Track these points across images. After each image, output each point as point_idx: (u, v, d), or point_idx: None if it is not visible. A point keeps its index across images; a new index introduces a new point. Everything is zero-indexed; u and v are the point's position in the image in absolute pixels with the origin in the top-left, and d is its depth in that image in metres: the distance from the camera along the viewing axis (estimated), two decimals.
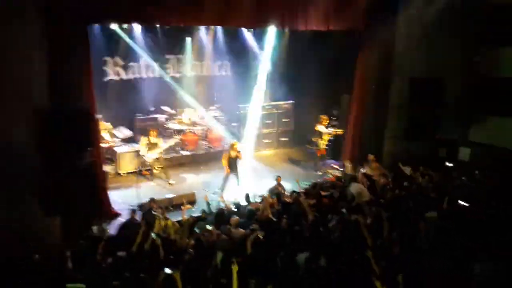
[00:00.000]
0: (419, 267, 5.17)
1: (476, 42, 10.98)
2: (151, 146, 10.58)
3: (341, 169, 11.55)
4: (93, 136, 8.31)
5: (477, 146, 10.82)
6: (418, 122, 11.13)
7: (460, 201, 6.93)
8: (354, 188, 8.18)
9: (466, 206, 6.84)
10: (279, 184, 9.06)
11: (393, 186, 8.64)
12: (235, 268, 5.07)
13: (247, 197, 8.38)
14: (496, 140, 10.65)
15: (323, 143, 11.37)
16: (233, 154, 9.73)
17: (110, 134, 11.63)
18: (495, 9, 10.54)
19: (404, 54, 11.05)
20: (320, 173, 11.36)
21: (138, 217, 7.82)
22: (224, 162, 9.80)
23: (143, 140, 10.67)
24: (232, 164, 9.77)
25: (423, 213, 6.81)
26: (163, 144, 10.92)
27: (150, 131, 10.77)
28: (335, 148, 12.30)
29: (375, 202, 7.67)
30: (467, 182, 8.44)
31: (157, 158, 10.73)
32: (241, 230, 6.67)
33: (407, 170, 9.48)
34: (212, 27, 12.60)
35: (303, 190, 8.72)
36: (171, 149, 11.88)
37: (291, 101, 14.07)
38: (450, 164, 9.57)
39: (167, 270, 5.21)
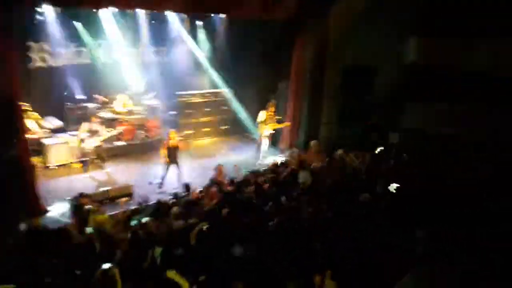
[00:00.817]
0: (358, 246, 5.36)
1: (405, 32, 11.50)
2: (92, 133, 10.22)
3: (280, 155, 11.73)
4: (18, 126, 7.80)
5: (406, 131, 11.41)
6: (350, 108, 11.61)
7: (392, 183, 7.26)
8: (304, 175, 8.32)
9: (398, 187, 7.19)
10: (219, 173, 8.98)
11: (328, 169, 8.91)
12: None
13: (187, 187, 8.25)
14: (421, 125, 11.31)
15: (266, 130, 11.35)
16: (172, 143, 9.51)
17: (38, 125, 10.92)
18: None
19: (337, 44, 11.40)
20: (260, 161, 11.40)
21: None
22: (163, 152, 9.56)
23: (84, 126, 10.27)
24: (172, 154, 9.56)
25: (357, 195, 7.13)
26: (106, 132, 10.61)
27: (90, 117, 10.49)
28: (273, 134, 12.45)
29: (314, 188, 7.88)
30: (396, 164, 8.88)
31: (97, 147, 10.34)
32: (180, 222, 6.57)
33: (340, 153, 9.78)
34: (147, 11, 12.12)
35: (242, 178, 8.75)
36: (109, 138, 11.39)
37: (230, 89, 14.00)
38: (381, 148, 10.01)
39: (105, 266, 5.03)
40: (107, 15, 11.32)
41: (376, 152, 9.67)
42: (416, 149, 9.59)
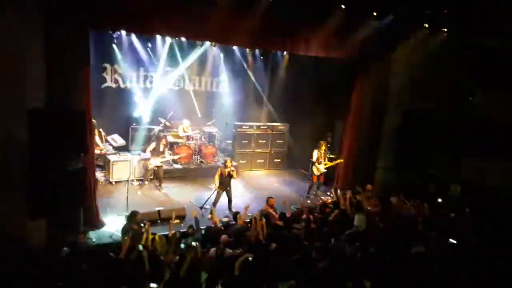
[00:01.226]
0: None
1: (471, 82, 11.22)
2: (158, 153, 10.78)
3: (331, 196, 11.53)
4: (87, 141, 8.25)
5: (467, 183, 10.92)
6: (409, 154, 11.29)
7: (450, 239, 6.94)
8: (360, 218, 8.14)
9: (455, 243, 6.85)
10: (270, 206, 8.95)
11: (383, 215, 8.65)
12: None
13: (236, 215, 8.29)
14: (485, 179, 10.81)
15: (320, 170, 11.28)
16: (226, 171, 9.67)
17: (103, 141, 11.55)
18: (491, 52, 10.80)
19: (399, 87, 11.26)
20: (309, 200, 11.22)
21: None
22: (216, 178, 9.73)
23: (152, 145, 10.86)
24: (225, 182, 9.69)
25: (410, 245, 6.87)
26: (168, 155, 11.20)
27: (161, 139, 11.17)
28: (327, 174, 12.30)
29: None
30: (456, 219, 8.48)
31: (158, 166, 10.84)
32: (229, 250, 6.59)
33: (396, 199, 9.48)
34: (214, 43, 12.69)
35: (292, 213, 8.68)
36: (168, 161, 11.84)
37: (286, 123, 14.12)
38: (440, 200, 9.62)
39: (152, 285, 5.14)
40: (176, 43, 12.00)
41: (436, 203, 9.29)
42: (479, 204, 9.08)
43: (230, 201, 9.83)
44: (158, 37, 11.65)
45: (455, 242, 7.01)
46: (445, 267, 6.17)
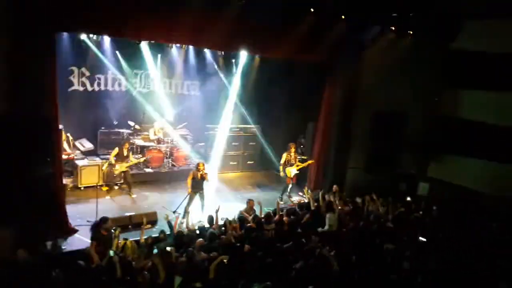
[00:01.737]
0: None
1: (438, 83, 11.57)
2: (122, 158, 10.52)
3: (304, 196, 11.64)
4: (54, 146, 8.06)
5: (435, 182, 11.27)
6: (379, 155, 11.53)
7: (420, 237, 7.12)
8: (331, 218, 8.22)
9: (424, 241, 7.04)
10: (250, 208, 8.94)
11: (352, 214, 8.78)
12: None
13: (211, 219, 8.24)
14: (453, 178, 11.16)
15: (292, 172, 11.36)
16: (198, 174, 9.59)
17: (71, 146, 11.27)
18: (457, 53, 11.17)
19: (368, 89, 11.51)
20: (282, 202, 11.26)
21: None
22: (189, 182, 9.64)
23: (116, 151, 10.56)
24: (198, 185, 9.61)
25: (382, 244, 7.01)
26: (133, 159, 10.98)
27: (124, 143, 10.88)
28: (299, 175, 12.39)
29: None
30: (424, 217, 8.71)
31: (123, 172, 10.61)
32: (203, 254, 6.55)
33: (365, 198, 9.66)
34: (184, 46, 12.62)
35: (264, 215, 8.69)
36: (135, 165, 11.68)
37: (258, 125, 14.17)
38: (409, 198, 9.86)
39: None
40: (145, 46, 11.85)
41: (406, 201, 9.51)
42: (446, 203, 9.36)
43: (203, 204, 9.75)
44: (127, 39, 11.47)
45: (424, 239, 7.18)
46: (414, 265, 6.31)
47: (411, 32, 10.85)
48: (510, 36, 10.50)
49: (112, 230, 7.48)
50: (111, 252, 6.20)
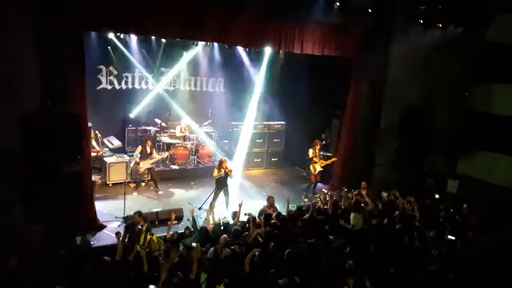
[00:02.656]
0: None
1: (468, 77, 11.21)
2: (146, 155, 10.67)
3: (329, 193, 11.52)
4: (84, 144, 8.24)
5: (465, 179, 10.95)
6: (407, 151, 11.28)
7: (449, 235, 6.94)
8: (355, 218, 8.14)
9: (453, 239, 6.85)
10: (271, 205, 8.94)
11: (378, 212, 8.63)
12: None
13: (235, 215, 8.27)
14: (483, 174, 10.82)
15: (317, 169, 11.26)
16: (222, 171, 9.65)
17: (100, 143, 11.52)
18: (488, 46, 10.80)
19: (395, 84, 11.26)
20: (306, 199, 11.19)
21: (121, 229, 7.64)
22: (215, 174, 9.72)
23: (139, 149, 10.73)
24: (222, 182, 9.68)
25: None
26: (157, 155, 11.08)
27: (146, 140, 10.99)
28: (325, 171, 12.29)
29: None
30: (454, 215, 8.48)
31: (148, 168, 10.77)
32: (228, 250, 6.57)
33: (390, 195, 9.48)
34: (209, 43, 12.69)
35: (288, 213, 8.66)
36: (161, 161, 11.85)
37: (282, 122, 14.11)
38: (437, 196, 9.63)
39: (151, 286, 5.12)
40: (170, 44, 11.98)
41: (434, 199, 9.28)
42: (477, 201, 9.07)
43: (227, 201, 9.81)
44: (153, 37, 11.62)
45: (453, 238, 7.00)
46: (444, 264, 6.17)
47: (440, 25, 10.56)
48: None
49: (140, 226, 7.64)
50: (138, 247, 6.29)
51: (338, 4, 9.35)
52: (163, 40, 11.89)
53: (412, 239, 7.13)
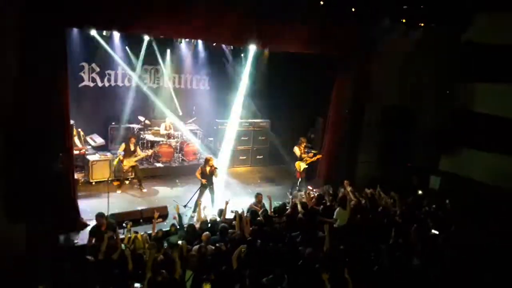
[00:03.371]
0: None
1: (451, 76, 11.42)
2: (130, 153, 10.54)
3: (314, 191, 11.61)
4: (66, 142, 8.13)
5: (447, 175, 11.16)
6: (390, 148, 11.44)
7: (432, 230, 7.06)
8: (339, 213, 8.20)
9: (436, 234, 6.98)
10: (259, 202, 8.94)
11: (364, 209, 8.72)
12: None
13: (221, 212, 8.27)
14: (465, 171, 11.04)
15: (302, 166, 11.33)
16: (207, 169, 9.63)
17: (82, 141, 11.37)
18: (470, 46, 11.00)
19: (379, 82, 11.39)
20: (291, 196, 11.23)
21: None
22: (198, 175, 9.69)
23: (122, 146, 10.61)
24: (207, 180, 9.66)
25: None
26: (141, 153, 10.98)
27: (130, 138, 10.81)
28: (310, 169, 12.35)
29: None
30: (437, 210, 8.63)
31: (132, 166, 10.67)
32: (211, 247, 6.58)
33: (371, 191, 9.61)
34: (193, 41, 12.62)
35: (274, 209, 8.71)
36: (145, 159, 11.76)
37: (267, 120, 14.14)
38: (420, 192, 9.78)
39: (137, 285, 5.09)
40: (154, 41, 11.86)
41: (417, 195, 9.43)
42: (458, 197, 9.24)
43: (213, 198, 9.79)
44: (137, 34, 11.50)
45: (436, 232, 7.12)
46: (426, 259, 6.28)
47: (422, 25, 10.71)
48: None
49: (124, 224, 7.57)
50: (123, 246, 6.24)
51: (322, 3, 9.37)
52: (147, 37, 11.78)
53: (395, 234, 7.24)
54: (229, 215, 8.16)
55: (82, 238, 7.99)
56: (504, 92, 10.73)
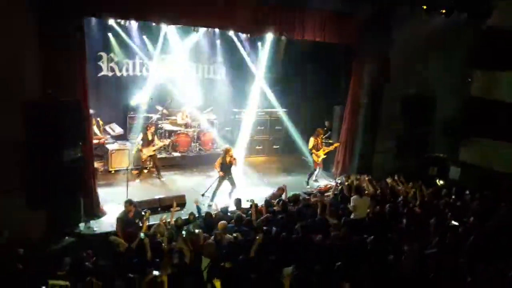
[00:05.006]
0: None
1: (470, 64, 11.14)
2: (148, 142, 10.63)
3: (331, 180, 11.57)
4: (85, 131, 8.25)
5: (467, 166, 10.95)
6: (408, 138, 11.28)
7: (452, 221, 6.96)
8: (357, 201, 8.16)
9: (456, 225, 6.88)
10: (280, 195, 8.86)
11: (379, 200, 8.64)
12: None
13: (238, 202, 8.30)
14: (485, 161, 10.81)
15: (320, 157, 11.27)
16: (227, 159, 9.64)
17: (101, 130, 11.52)
18: (490, 33, 10.69)
19: (397, 71, 11.18)
20: (309, 186, 11.22)
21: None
22: (217, 166, 9.71)
23: (141, 136, 10.71)
24: (226, 170, 9.67)
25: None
26: (159, 142, 11.07)
27: (148, 127, 10.84)
28: (327, 159, 12.28)
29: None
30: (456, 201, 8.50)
31: (151, 156, 10.74)
32: (228, 235, 6.62)
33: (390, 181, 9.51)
34: (210, 30, 12.58)
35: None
36: (163, 148, 11.86)
37: (284, 109, 14.06)
38: (441, 182, 9.65)
39: (155, 272, 5.17)
40: (171, 30, 11.85)
41: (436, 186, 9.30)
42: (478, 187, 9.05)
43: (232, 189, 9.81)
44: (154, 24, 11.51)
45: (456, 224, 7.02)
46: (445, 248, 6.20)
47: (443, 11, 10.44)
48: None
49: (143, 213, 7.67)
50: (142, 235, 6.33)
51: None
52: (164, 27, 11.77)
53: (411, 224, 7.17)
54: (245, 205, 8.19)
55: (102, 225, 8.15)
56: None
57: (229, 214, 7.91)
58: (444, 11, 10.40)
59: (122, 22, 11.05)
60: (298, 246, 6.29)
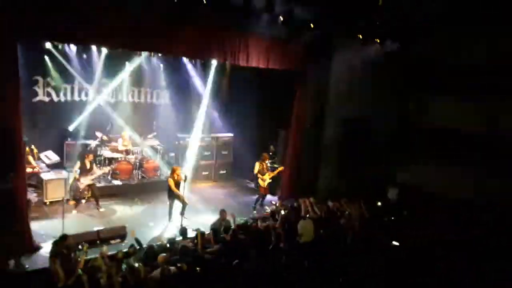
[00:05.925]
0: None
1: (406, 90, 11.80)
2: (86, 171, 10.11)
3: (277, 205, 11.58)
4: (17, 160, 7.72)
5: (403, 187, 11.44)
6: (348, 161, 11.66)
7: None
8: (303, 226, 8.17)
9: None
10: (223, 219, 8.79)
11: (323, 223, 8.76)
12: None
13: (183, 231, 8.06)
14: (418, 182, 11.38)
15: (266, 181, 11.29)
16: (175, 178, 9.45)
17: (36, 159, 10.85)
18: (423, 61, 11.41)
19: (337, 96, 11.62)
20: (255, 211, 11.15)
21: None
22: (172, 186, 9.48)
23: (78, 164, 10.16)
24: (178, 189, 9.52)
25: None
26: (98, 171, 10.53)
27: (86, 155, 10.34)
28: (273, 183, 12.33)
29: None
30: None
31: (89, 185, 10.22)
32: (172, 267, 6.38)
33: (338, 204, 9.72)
34: (153, 54, 12.43)
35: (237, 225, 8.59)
36: (102, 177, 11.35)
37: (230, 134, 14.06)
38: (379, 203, 9.97)
39: None
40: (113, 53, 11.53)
41: (376, 206, 9.60)
42: (415, 207, 9.49)
43: (184, 208, 9.61)
44: (94, 47, 11.19)
45: (397, 244, 7.25)
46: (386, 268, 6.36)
47: (378, 40, 11.04)
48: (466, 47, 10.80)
49: (80, 246, 7.21)
50: (80, 271, 5.95)
51: (281, 18, 9.50)
52: (105, 50, 11.46)
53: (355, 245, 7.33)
54: (191, 234, 7.97)
55: (35, 262, 7.57)
56: (455, 106, 11.15)
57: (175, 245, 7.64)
58: (378, 40, 11.02)
59: (60, 45, 10.63)
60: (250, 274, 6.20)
